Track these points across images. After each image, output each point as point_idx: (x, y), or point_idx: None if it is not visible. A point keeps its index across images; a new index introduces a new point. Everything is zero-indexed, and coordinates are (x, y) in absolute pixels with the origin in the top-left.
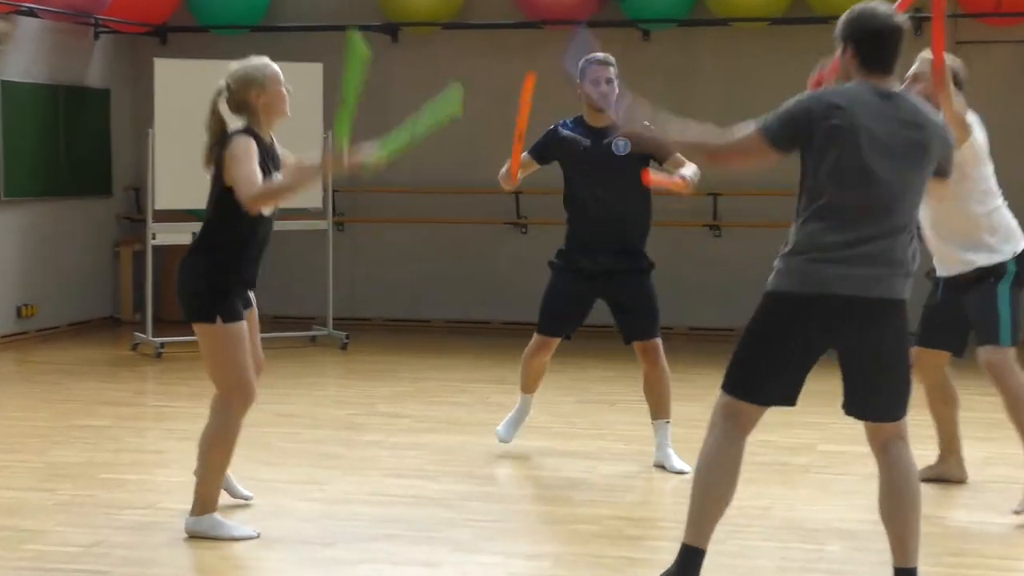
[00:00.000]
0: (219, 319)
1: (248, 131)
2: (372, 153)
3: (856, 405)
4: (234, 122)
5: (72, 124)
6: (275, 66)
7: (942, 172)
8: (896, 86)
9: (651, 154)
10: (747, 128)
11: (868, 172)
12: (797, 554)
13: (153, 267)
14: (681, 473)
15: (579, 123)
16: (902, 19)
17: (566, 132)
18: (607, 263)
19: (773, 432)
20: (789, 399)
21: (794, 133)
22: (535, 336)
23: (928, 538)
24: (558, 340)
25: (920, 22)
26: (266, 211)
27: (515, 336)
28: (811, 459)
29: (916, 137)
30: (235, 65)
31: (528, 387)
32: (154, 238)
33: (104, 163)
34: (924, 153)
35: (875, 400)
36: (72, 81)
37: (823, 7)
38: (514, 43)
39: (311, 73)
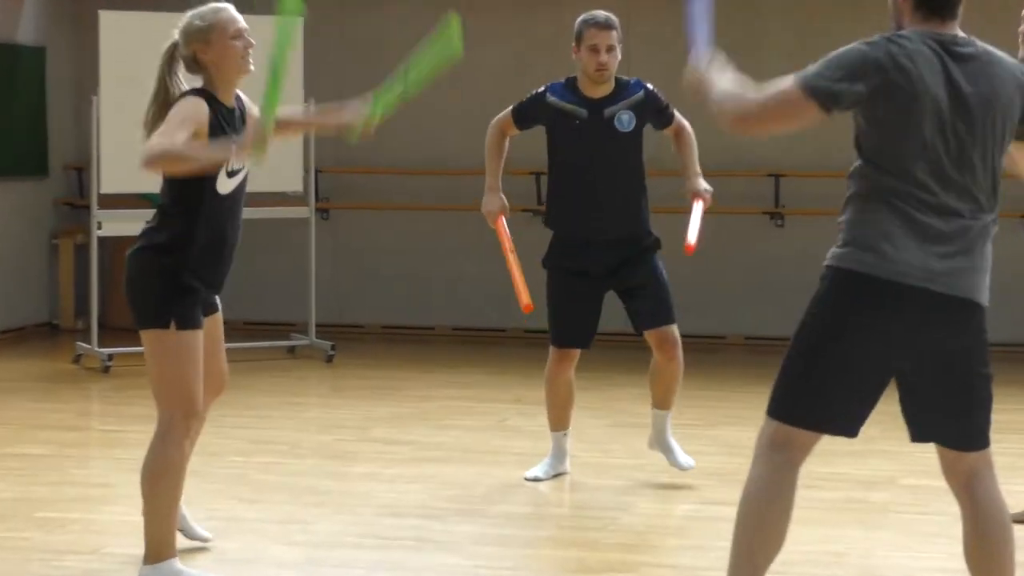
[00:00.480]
0: (172, 324)
1: (200, 92)
2: (361, 111)
3: (934, 428)
4: (190, 84)
5: (1, 89)
6: (230, 11)
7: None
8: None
9: (650, 122)
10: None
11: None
12: None
13: (99, 263)
14: (686, 469)
15: (572, 90)
16: None
17: (554, 99)
18: (611, 260)
19: (844, 463)
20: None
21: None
22: (551, 350)
23: None
24: (577, 351)
25: None
26: (224, 189)
27: (536, 346)
28: (891, 495)
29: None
30: (187, 14)
31: (559, 421)
32: (100, 228)
33: (39, 137)
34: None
35: (960, 423)
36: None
37: None
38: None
39: (279, 30)
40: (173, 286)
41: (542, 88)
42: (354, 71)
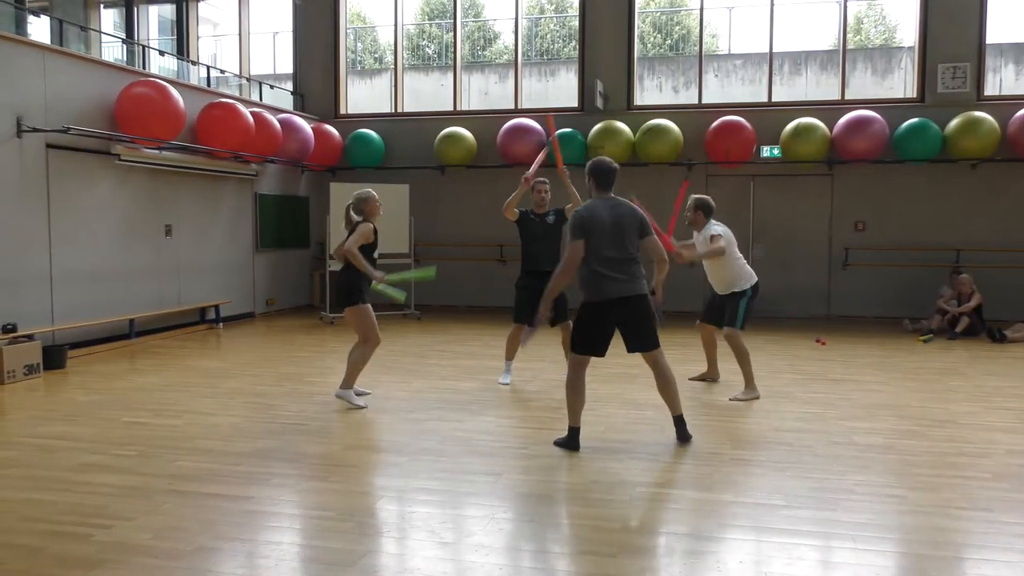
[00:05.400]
0: (360, 303)
1: (366, 220)
2: (383, 281)
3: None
4: (356, 217)
5: (291, 213)
6: (373, 192)
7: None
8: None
9: (564, 222)
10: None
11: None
12: None
13: (328, 280)
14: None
15: (531, 212)
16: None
17: (527, 213)
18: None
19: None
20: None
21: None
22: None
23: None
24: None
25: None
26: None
27: (500, 314)
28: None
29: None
30: (356, 192)
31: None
32: (329, 267)
33: (305, 231)
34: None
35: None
36: (291, 193)
37: None
38: (501, 175)
39: (402, 190)
40: (359, 288)
41: (524, 210)
42: (426, 216)
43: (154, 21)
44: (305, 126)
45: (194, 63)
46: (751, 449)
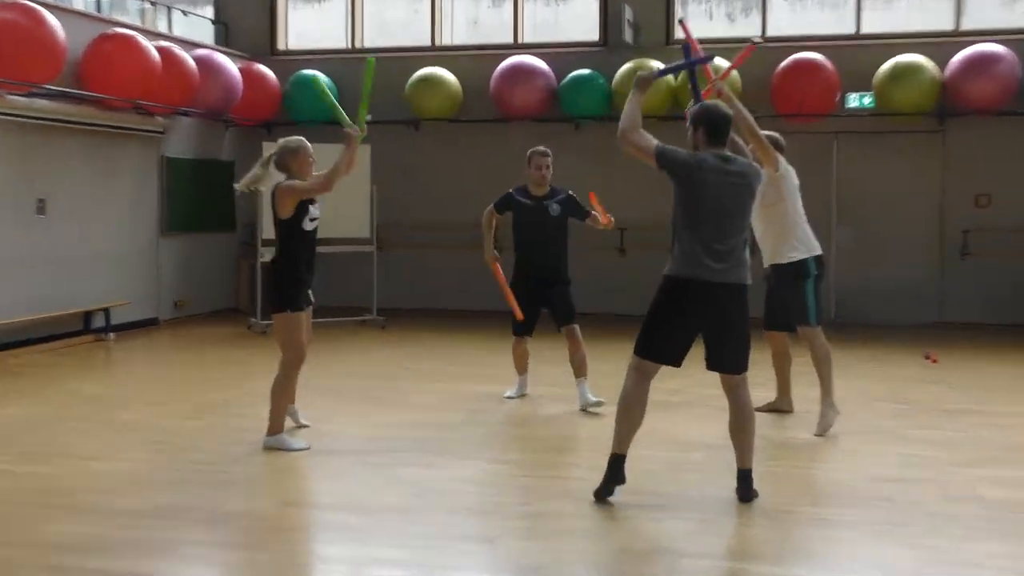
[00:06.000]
0: (289, 310)
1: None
2: (356, 130)
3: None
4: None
5: (210, 184)
6: (306, 142)
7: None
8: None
9: (573, 215)
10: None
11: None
12: None
13: (261, 275)
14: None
15: (524, 192)
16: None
17: (516, 195)
18: (544, 284)
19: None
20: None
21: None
22: (514, 338)
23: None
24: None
25: None
26: (310, 227)
27: (493, 320)
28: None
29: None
30: (281, 139)
31: (520, 368)
32: (262, 257)
33: (230, 209)
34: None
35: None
36: (210, 157)
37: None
38: (494, 131)
39: (362, 151)
40: (294, 289)
41: (508, 191)
42: (396, 183)
43: None
44: (230, 66)
45: None
46: (837, 506)
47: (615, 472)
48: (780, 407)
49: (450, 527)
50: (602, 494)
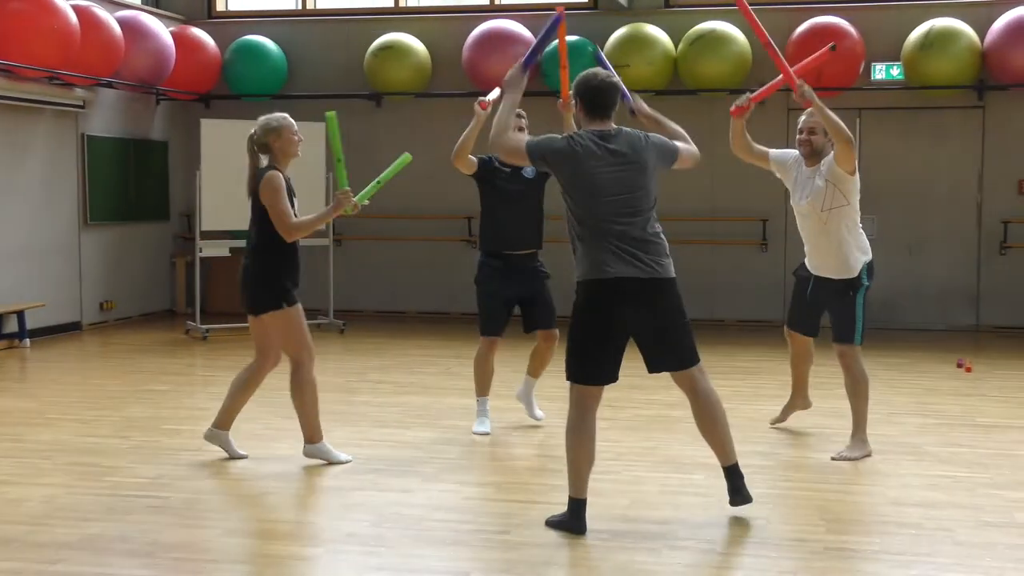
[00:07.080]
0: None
1: (273, 167)
2: (348, 202)
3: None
4: (260, 161)
5: (140, 167)
6: (290, 118)
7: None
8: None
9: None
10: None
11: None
12: None
13: (201, 272)
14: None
15: (497, 159)
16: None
17: (490, 161)
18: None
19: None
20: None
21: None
22: (481, 339)
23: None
24: (497, 338)
25: None
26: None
27: (467, 324)
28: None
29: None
30: (261, 117)
31: (482, 389)
32: (201, 251)
33: (163, 196)
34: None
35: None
36: (139, 135)
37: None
38: (467, 107)
39: (318, 130)
40: (285, 282)
41: (487, 156)
42: (356, 162)
43: None
44: (161, 30)
45: None
46: (857, 533)
47: (577, 520)
48: (795, 407)
49: (416, 559)
50: (557, 527)
